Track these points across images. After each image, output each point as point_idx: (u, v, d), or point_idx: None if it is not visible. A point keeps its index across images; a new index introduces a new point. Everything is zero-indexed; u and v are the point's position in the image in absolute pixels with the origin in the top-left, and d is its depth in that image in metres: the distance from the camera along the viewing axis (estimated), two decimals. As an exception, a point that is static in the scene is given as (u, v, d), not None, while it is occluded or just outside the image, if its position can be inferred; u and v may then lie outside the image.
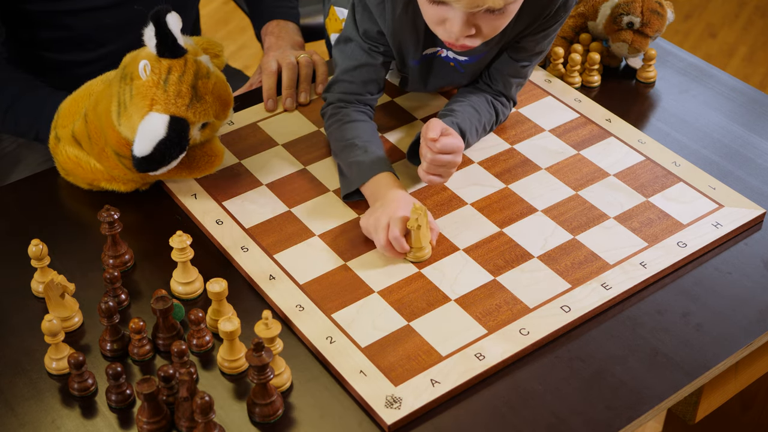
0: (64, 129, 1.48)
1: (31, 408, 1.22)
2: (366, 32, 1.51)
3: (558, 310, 1.31)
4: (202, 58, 1.41)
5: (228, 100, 1.43)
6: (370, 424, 1.19)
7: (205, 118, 1.39)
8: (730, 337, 1.30)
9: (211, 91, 1.40)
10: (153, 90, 1.36)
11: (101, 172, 1.47)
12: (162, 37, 1.36)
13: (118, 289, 1.32)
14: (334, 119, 1.52)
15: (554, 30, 1.52)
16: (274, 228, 1.43)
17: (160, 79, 1.36)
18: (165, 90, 1.35)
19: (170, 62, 1.37)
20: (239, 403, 1.22)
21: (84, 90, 1.51)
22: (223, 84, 1.43)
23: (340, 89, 1.54)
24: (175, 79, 1.36)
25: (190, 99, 1.36)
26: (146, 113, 1.35)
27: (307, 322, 1.30)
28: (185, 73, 1.37)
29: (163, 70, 1.36)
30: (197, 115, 1.38)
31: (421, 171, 1.43)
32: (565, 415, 1.20)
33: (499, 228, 1.43)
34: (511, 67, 1.55)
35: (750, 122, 1.66)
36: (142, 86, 1.36)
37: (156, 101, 1.35)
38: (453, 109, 1.52)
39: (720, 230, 1.43)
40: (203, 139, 1.43)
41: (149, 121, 1.35)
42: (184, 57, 1.38)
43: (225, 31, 3.53)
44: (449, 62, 1.54)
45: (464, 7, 1.30)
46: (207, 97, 1.39)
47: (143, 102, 1.35)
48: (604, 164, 1.54)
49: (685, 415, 1.46)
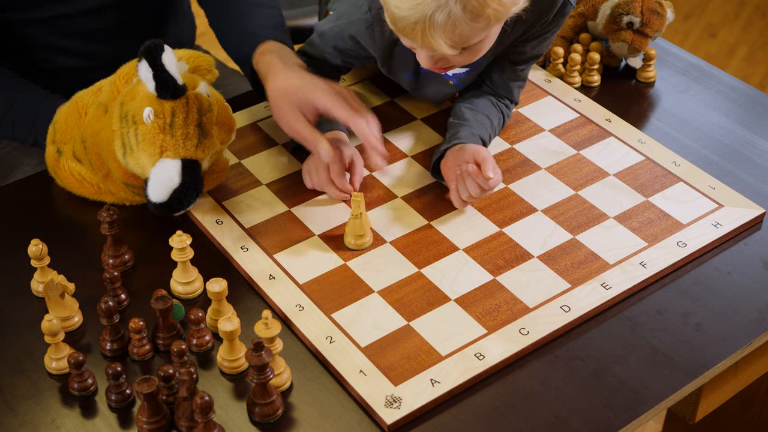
0: (65, 145, 1.47)
1: (31, 408, 1.22)
2: (336, 47, 1.51)
3: (558, 309, 1.31)
4: (201, 89, 1.39)
5: (231, 124, 1.42)
6: (370, 423, 1.19)
7: (214, 149, 1.39)
8: (729, 336, 1.30)
9: (216, 122, 1.38)
10: (161, 137, 1.33)
11: (106, 194, 1.47)
12: (162, 81, 1.33)
13: (118, 289, 1.32)
14: None
15: (552, 34, 1.51)
16: (274, 228, 1.43)
17: (165, 123, 1.34)
18: (173, 135, 1.34)
19: (173, 104, 1.34)
20: (239, 402, 1.22)
21: (73, 104, 1.48)
22: (224, 110, 1.41)
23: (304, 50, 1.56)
24: (180, 122, 1.34)
25: (198, 138, 1.35)
26: (157, 160, 1.34)
27: (307, 322, 1.30)
28: (189, 113, 1.35)
29: (167, 113, 1.34)
30: (206, 150, 1.37)
31: (458, 200, 1.43)
32: (564, 415, 1.20)
33: (499, 228, 1.43)
34: (510, 72, 1.55)
35: (750, 122, 1.66)
36: (149, 133, 1.34)
37: (166, 147, 1.34)
38: (466, 118, 1.52)
39: (720, 230, 1.43)
40: (210, 163, 1.43)
41: (162, 168, 1.34)
42: (185, 96, 1.35)
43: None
44: (448, 80, 1.54)
45: (423, 50, 1.30)
46: (213, 131, 1.37)
47: (152, 149, 1.34)
48: (604, 164, 1.54)
49: (684, 414, 1.46)
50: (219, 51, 1.86)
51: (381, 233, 1.42)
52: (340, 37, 1.50)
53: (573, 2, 1.47)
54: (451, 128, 1.51)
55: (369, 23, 1.44)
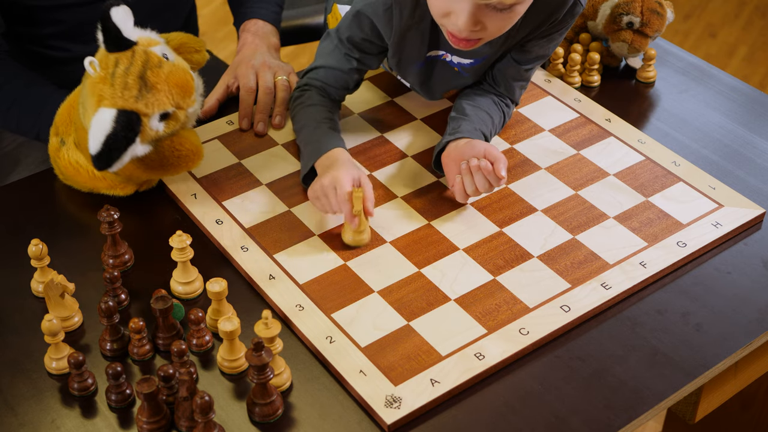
0: (69, 136, 1.48)
1: (31, 408, 1.22)
2: (350, 38, 1.50)
3: (558, 309, 1.31)
4: (156, 48, 1.37)
5: (187, 86, 1.38)
6: (370, 423, 1.19)
7: (161, 108, 1.35)
8: (729, 336, 1.30)
9: (165, 79, 1.35)
10: (100, 86, 1.33)
11: (100, 180, 1.47)
12: (106, 31, 1.34)
13: (118, 289, 1.32)
14: (298, 101, 1.54)
15: (560, 35, 1.51)
16: (274, 228, 1.43)
17: (107, 73, 1.34)
18: (112, 84, 1.33)
19: (117, 55, 1.34)
20: (239, 402, 1.22)
21: (77, 93, 1.48)
22: (181, 71, 1.38)
23: (313, 76, 1.55)
24: (121, 72, 1.33)
25: (138, 90, 1.33)
26: (96, 110, 1.34)
27: (307, 322, 1.30)
28: (132, 65, 1.34)
29: (110, 64, 1.34)
30: (150, 105, 1.34)
31: (462, 193, 1.43)
32: (564, 415, 1.20)
33: (499, 228, 1.43)
34: (514, 70, 1.54)
35: (750, 122, 1.66)
36: (92, 83, 1.34)
37: (103, 96, 1.33)
38: (467, 113, 1.52)
39: (720, 230, 1.43)
40: (170, 130, 1.39)
41: (98, 117, 1.33)
42: (132, 49, 1.35)
43: (225, 31, 3.52)
44: (453, 67, 1.54)
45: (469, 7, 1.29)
46: (159, 86, 1.35)
47: (93, 99, 1.34)
48: (603, 164, 1.54)
49: (684, 414, 1.46)
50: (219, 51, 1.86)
51: (381, 233, 1.42)
52: (357, 21, 1.48)
53: (583, 3, 1.47)
54: (453, 122, 1.51)
55: (388, 5, 1.44)
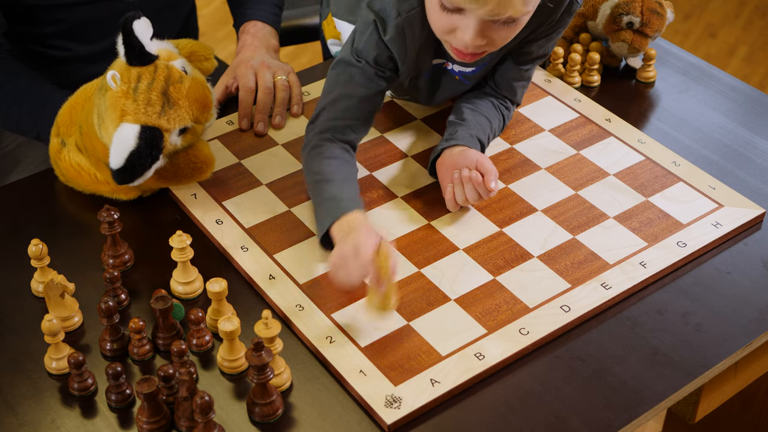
0: (70, 137, 1.48)
1: (31, 408, 1.22)
2: (376, 58, 1.43)
3: (558, 309, 1.31)
4: (176, 63, 1.38)
5: (206, 101, 1.39)
6: (370, 423, 1.19)
7: (182, 123, 1.36)
8: (729, 336, 1.30)
9: (186, 95, 1.36)
10: (122, 100, 1.33)
11: (103, 183, 1.47)
12: (129, 45, 1.34)
13: (118, 289, 1.32)
14: (316, 151, 1.43)
15: (558, 34, 1.51)
16: (274, 228, 1.43)
17: (129, 88, 1.33)
18: (135, 99, 1.33)
19: (139, 70, 1.34)
20: (239, 402, 1.22)
21: (80, 94, 1.49)
22: (200, 86, 1.39)
23: (331, 117, 1.44)
24: (144, 87, 1.33)
25: (161, 106, 1.34)
26: (118, 124, 1.33)
27: (307, 322, 1.30)
28: (155, 80, 1.34)
29: (133, 78, 1.34)
30: (172, 121, 1.35)
31: (452, 202, 1.43)
32: (564, 415, 1.20)
33: (499, 228, 1.43)
34: (515, 72, 1.54)
35: (750, 122, 1.66)
36: (113, 97, 1.34)
37: (126, 112, 1.33)
38: (465, 118, 1.51)
39: (720, 230, 1.43)
40: (186, 144, 1.40)
41: (121, 132, 1.33)
42: (154, 63, 1.35)
43: (225, 31, 3.52)
44: (455, 75, 1.54)
45: (484, 15, 1.28)
46: (181, 102, 1.35)
47: (115, 113, 1.33)
48: (603, 164, 1.54)
49: (684, 414, 1.46)
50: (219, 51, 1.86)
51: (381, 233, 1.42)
52: (377, 47, 1.43)
53: (580, 1, 1.47)
54: (450, 127, 1.51)
55: (400, 29, 1.41)
